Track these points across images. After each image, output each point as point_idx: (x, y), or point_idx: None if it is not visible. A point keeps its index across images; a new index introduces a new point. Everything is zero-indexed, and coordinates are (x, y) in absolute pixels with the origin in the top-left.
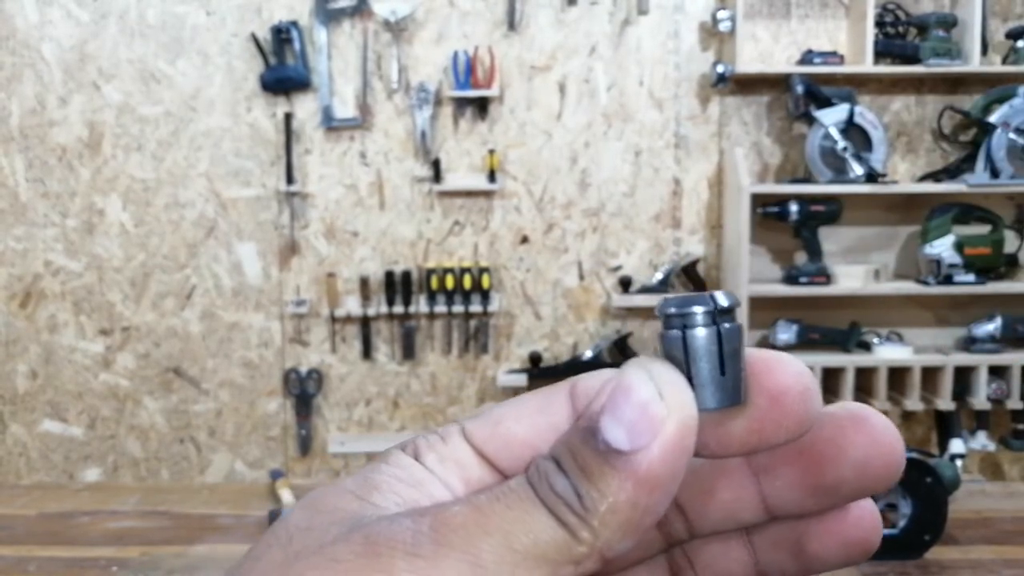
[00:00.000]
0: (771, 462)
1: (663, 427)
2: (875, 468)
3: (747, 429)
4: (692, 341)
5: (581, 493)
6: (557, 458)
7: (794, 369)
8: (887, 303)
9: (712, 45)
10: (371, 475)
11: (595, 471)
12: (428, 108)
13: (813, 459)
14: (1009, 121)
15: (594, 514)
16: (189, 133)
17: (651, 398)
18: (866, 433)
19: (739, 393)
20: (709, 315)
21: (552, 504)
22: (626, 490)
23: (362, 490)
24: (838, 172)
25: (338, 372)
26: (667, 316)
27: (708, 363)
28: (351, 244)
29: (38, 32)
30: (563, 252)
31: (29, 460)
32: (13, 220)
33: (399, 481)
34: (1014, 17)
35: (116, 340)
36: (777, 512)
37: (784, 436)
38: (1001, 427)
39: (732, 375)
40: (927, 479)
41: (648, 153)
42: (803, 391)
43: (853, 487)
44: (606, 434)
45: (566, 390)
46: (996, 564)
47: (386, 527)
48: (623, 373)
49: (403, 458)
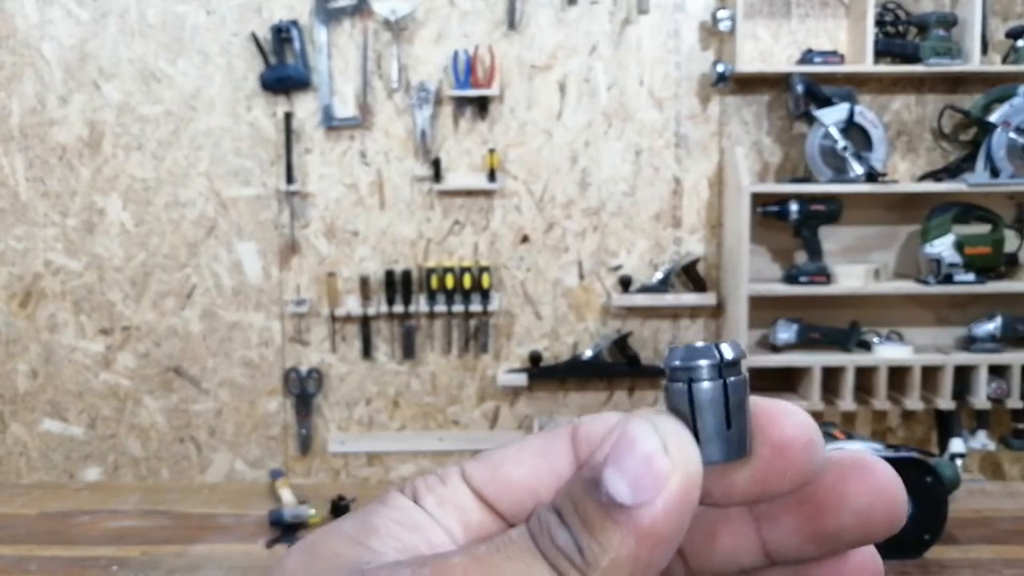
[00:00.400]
0: (772, 509)
1: (667, 482)
2: (877, 517)
3: (751, 479)
4: (697, 395)
5: (582, 547)
6: (559, 509)
7: (798, 420)
8: (887, 302)
9: (712, 44)
10: (369, 518)
11: (597, 524)
12: (428, 107)
13: (815, 507)
14: (1009, 120)
15: (595, 568)
16: (189, 132)
17: (656, 452)
18: (868, 482)
19: (744, 446)
20: (715, 368)
21: (553, 557)
22: (628, 545)
23: (360, 534)
24: (838, 171)
25: (338, 372)
26: (672, 369)
27: (714, 417)
28: (351, 243)
29: (38, 31)
30: (563, 251)
31: (29, 460)
32: (13, 219)
33: (398, 525)
34: (1014, 16)
35: (116, 339)
36: (777, 558)
37: (788, 486)
38: (1001, 426)
39: (737, 428)
40: (927, 478)
41: (648, 152)
42: (807, 442)
43: (854, 535)
44: (609, 487)
45: (568, 434)
46: (996, 563)
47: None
48: (628, 424)
49: (402, 500)
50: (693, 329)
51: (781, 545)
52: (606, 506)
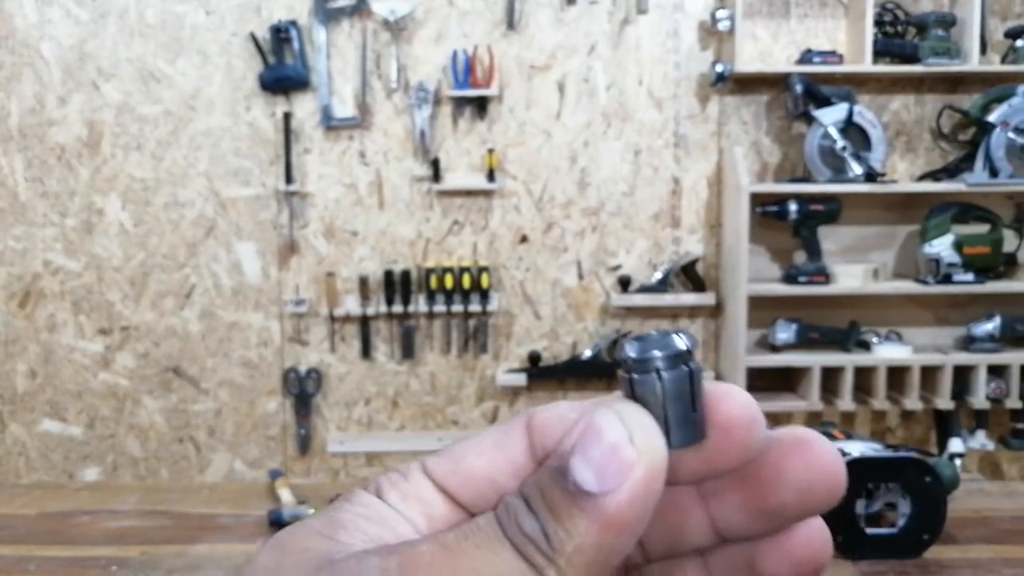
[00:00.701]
0: (718, 487)
1: (632, 471)
2: (817, 491)
3: (698, 459)
4: (661, 384)
5: (549, 533)
6: (527, 497)
7: (741, 401)
8: (886, 302)
9: (711, 44)
10: (336, 514)
11: (563, 512)
12: (427, 107)
13: (758, 483)
14: (1008, 120)
15: (561, 554)
16: (188, 132)
17: (621, 441)
18: (807, 457)
19: (704, 431)
20: (670, 359)
21: (519, 543)
22: (593, 532)
23: (328, 529)
24: (837, 171)
25: (337, 372)
26: (633, 360)
27: (676, 405)
28: (350, 243)
29: (37, 31)
30: (562, 251)
31: (28, 460)
32: (12, 220)
33: (364, 519)
34: (1013, 16)
35: (115, 339)
36: (726, 535)
37: (732, 464)
38: (1000, 426)
39: (695, 415)
40: (926, 478)
41: (647, 152)
42: (750, 421)
43: (796, 509)
44: (576, 475)
45: (523, 424)
46: (995, 563)
47: (355, 566)
48: (594, 414)
49: (367, 496)
50: (692, 329)
51: (728, 522)
52: (572, 494)
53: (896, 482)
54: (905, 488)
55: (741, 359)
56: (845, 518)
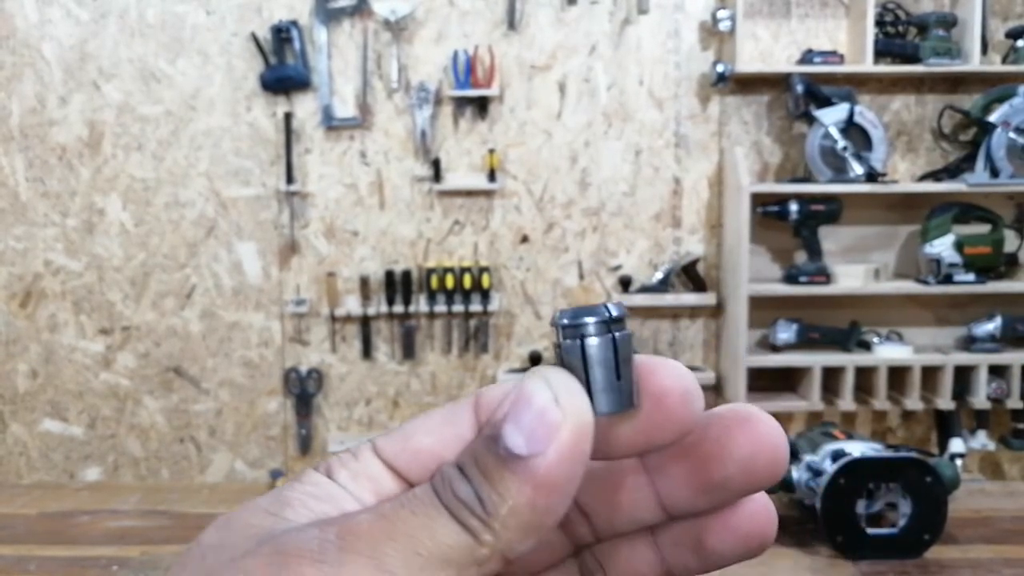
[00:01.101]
0: (662, 463)
1: (559, 432)
2: (759, 466)
3: (634, 430)
4: (588, 350)
5: (482, 497)
6: (461, 465)
7: (676, 372)
8: (887, 302)
9: (712, 44)
10: (284, 492)
11: (495, 476)
12: (428, 107)
13: (701, 458)
14: (1009, 120)
15: (495, 517)
16: (189, 132)
17: (548, 405)
18: (750, 432)
19: (632, 397)
20: (603, 324)
21: (455, 509)
22: (525, 493)
23: (274, 507)
24: (838, 171)
25: (338, 372)
26: (562, 327)
27: (603, 370)
28: (351, 243)
29: (38, 31)
30: (563, 252)
31: (29, 460)
32: (13, 219)
33: (312, 497)
34: (1014, 16)
35: (116, 340)
36: (673, 511)
37: (668, 437)
38: (1001, 426)
39: (626, 381)
40: (927, 478)
41: (648, 152)
42: (684, 393)
43: (740, 484)
44: (507, 440)
45: (471, 402)
46: (996, 563)
47: (294, 537)
48: (524, 382)
49: (316, 476)
50: (693, 329)
51: (675, 499)
52: (504, 458)
53: (897, 482)
54: (906, 488)
55: (742, 359)
56: (846, 518)
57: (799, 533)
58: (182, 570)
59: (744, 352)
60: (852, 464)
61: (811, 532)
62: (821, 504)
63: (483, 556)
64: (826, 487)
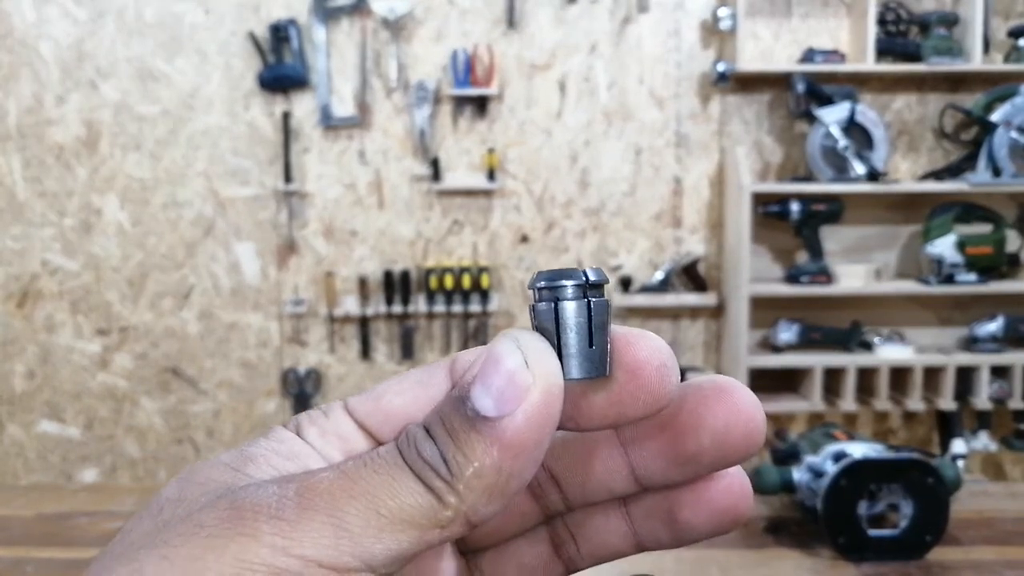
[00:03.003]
0: (637, 434)
1: (528, 394)
2: (734, 438)
3: (607, 401)
4: (562, 312)
5: (448, 458)
6: (427, 426)
7: (652, 344)
8: (888, 303)
9: (713, 43)
10: (248, 448)
11: (462, 437)
12: (427, 106)
13: (675, 430)
14: (1011, 120)
15: (460, 479)
16: (187, 132)
17: (518, 367)
18: (725, 404)
19: (604, 365)
20: (579, 288)
21: (419, 469)
22: (491, 455)
23: (237, 462)
24: (839, 171)
25: (336, 372)
26: (538, 289)
27: (576, 334)
28: (350, 243)
29: (35, 30)
30: (563, 251)
31: (26, 461)
32: (10, 219)
33: (276, 454)
34: (1016, 15)
35: (114, 340)
36: (646, 482)
37: (642, 410)
38: (1003, 427)
39: (598, 347)
40: (928, 479)
41: (649, 152)
42: (659, 366)
43: (713, 456)
44: (475, 402)
45: (447, 365)
46: (998, 565)
47: (252, 492)
48: (494, 343)
49: (284, 433)
50: (694, 329)
51: (648, 470)
52: (471, 419)
53: (898, 483)
54: (907, 489)
55: (743, 359)
56: (847, 519)
57: (800, 535)
58: (139, 522)
59: (745, 352)
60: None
61: (812, 533)
62: (822, 505)
63: (446, 518)
64: (827, 488)
